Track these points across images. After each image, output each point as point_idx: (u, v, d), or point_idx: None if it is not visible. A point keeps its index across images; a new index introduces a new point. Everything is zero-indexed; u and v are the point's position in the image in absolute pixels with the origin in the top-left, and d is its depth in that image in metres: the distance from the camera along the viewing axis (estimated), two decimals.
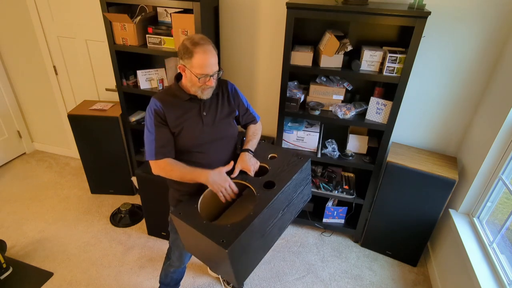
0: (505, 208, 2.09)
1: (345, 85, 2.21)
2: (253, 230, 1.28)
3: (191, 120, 1.44)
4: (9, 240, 2.48)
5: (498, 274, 1.70)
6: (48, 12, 2.72)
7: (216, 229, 1.26)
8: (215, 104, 1.51)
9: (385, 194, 2.25)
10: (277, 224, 1.45)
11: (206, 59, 1.31)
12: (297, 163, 1.52)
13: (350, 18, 1.87)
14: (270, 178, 1.44)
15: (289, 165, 1.51)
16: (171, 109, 1.41)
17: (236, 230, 1.23)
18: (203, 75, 1.33)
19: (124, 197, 2.97)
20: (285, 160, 1.54)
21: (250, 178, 1.47)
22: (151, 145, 1.40)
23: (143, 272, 2.27)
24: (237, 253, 1.24)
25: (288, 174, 1.45)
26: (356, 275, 2.33)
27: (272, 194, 1.36)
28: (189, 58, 1.31)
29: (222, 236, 1.22)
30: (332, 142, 2.38)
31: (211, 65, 1.33)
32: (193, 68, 1.32)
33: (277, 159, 1.57)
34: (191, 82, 1.38)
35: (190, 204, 1.42)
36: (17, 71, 3.17)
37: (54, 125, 3.39)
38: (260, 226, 1.33)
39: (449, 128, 2.29)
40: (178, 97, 1.43)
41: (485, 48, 1.99)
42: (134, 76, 2.54)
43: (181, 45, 1.33)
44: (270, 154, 1.60)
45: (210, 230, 1.26)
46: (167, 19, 2.37)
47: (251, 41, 2.42)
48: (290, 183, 1.43)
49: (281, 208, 1.44)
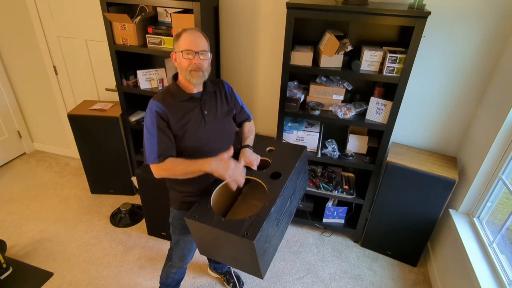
0: (505, 208, 2.09)
1: (345, 85, 2.21)
2: (271, 219, 1.32)
3: (194, 120, 1.44)
4: (9, 240, 2.48)
5: (498, 274, 1.70)
6: (48, 12, 2.72)
7: (236, 224, 1.28)
8: (214, 103, 1.51)
9: (385, 194, 2.25)
10: (287, 212, 1.52)
11: (192, 37, 1.34)
12: (296, 152, 1.61)
13: (350, 18, 1.87)
14: (275, 169, 1.50)
15: (289, 156, 1.59)
16: (173, 110, 1.40)
17: (257, 221, 1.27)
18: (188, 51, 1.33)
19: (124, 197, 2.97)
20: (284, 151, 1.62)
21: (254, 172, 1.50)
22: (153, 148, 1.37)
23: (143, 272, 2.27)
24: (262, 243, 1.27)
25: (290, 163, 1.53)
26: (356, 275, 2.33)
27: (281, 183, 1.42)
28: (177, 40, 1.36)
29: (245, 229, 1.24)
30: (332, 142, 2.38)
31: (197, 44, 1.34)
32: (180, 47, 1.34)
33: (275, 151, 1.63)
34: (180, 66, 1.38)
35: (203, 205, 1.42)
36: (17, 71, 3.17)
37: (54, 125, 3.39)
38: (276, 215, 1.37)
39: (449, 128, 2.29)
40: (178, 97, 1.42)
41: (485, 48, 1.99)
42: (134, 76, 2.54)
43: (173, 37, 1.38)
44: (267, 147, 1.65)
45: (230, 226, 1.28)
46: (167, 19, 2.37)
47: (251, 41, 2.42)
48: (294, 171, 1.50)
49: (289, 196, 1.50)
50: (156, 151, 1.37)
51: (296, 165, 1.52)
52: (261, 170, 1.51)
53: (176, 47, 1.37)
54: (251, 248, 1.22)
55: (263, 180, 1.46)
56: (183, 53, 1.33)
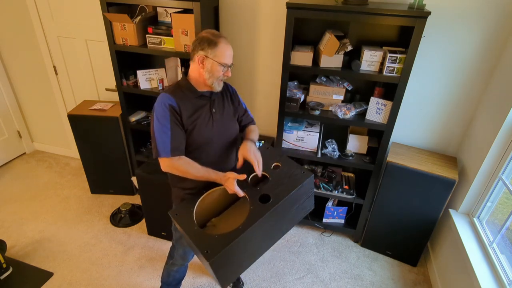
0: (505, 208, 2.09)
1: (345, 85, 2.21)
2: (239, 244, 1.29)
3: (203, 117, 1.46)
4: (9, 240, 2.48)
5: (498, 274, 1.70)
6: (48, 12, 2.72)
7: (205, 237, 1.29)
8: (221, 102, 1.55)
9: (385, 194, 2.25)
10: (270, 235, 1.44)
11: (229, 49, 1.39)
12: (299, 177, 1.45)
13: (350, 18, 1.87)
14: (268, 191, 1.40)
15: (290, 179, 1.44)
16: (185, 107, 1.42)
17: (222, 242, 1.25)
18: (226, 64, 1.39)
19: (124, 197, 2.97)
20: (288, 172, 1.48)
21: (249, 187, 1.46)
22: (166, 142, 1.38)
23: (143, 272, 2.27)
24: (221, 263, 1.26)
25: (286, 189, 1.40)
26: (356, 275, 2.33)
27: (265, 210, 1.33)
28: (213, 47, 1.36)
29: (208, 246, 1.24)
30: (332, 142, 2.38)
31: (231, 56, 1.41)
32: (217, 57, 1.37)
33: (280, 169, 1.51)
34: (211, 73, 1.40)
35: (188, 206, 1.43)
36: (17, 71, 3.17)
37: (54, 125, 3.39)
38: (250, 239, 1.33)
39: (449, 128, 2.29)
40: (189, 94, 1.45)
41: (485, 48, 1.99)
42: (134, 76, 2.54)
43: (201, 38, 1.37)
44: (274, 163, 1.54)
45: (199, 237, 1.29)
46: (167, 19, 2.37)
47: (251, 41, 2.42)
48: (286, 199, 1.38)
49: (274, 222, 1.41)
50: (170, 145, 1.38)
51: (291, 194, 1.39)
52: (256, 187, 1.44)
53: (211, 54, 1.37)
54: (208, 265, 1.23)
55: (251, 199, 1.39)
56: (220, 64, 1.38)
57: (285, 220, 1.49)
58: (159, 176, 2.19)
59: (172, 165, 1.42)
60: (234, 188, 1.39)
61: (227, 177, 1.41)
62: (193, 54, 1.41)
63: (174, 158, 1.40)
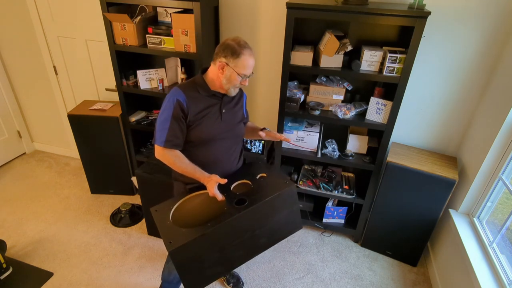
0: (505, 208, 2.09)
1: (345, 85, 2.21)
2: (205, 240, 1.27)
3: (211, 115, 1.52)
4: (9, 240, 2.48)
5: (498, 274, 1.70)
6: (48, 12, 2.72)
7: (173, 230, 1.29)
8: (232, 105, 1.61)
9: (385, 194, 2.25)
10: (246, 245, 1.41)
11: (250, 61, 1.43)
12: (280, 186, 1.44)
13: (350, 18, 1.87)
14: (246, 196, 1.42)
15: (271, 187, 1.45)
16: (195, 103, 1.48)
17: (186, 235, 1.24)
18: (244, 75, 1.44)
19: (124, 197, 2.97)
20: (271, 182, 1.49)
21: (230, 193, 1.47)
22: (163, 132, 1.46)
23: (143, 272, 2.27)
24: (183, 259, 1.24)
25: (264, 195, 1.40)
26: (356, 275, 2.33)
27: (237, 211, 1.34)
28: (236, 58, 1.40)
29: (172, 237, 1.24)
30: (332, 142, 2.38)
31: (252, 67, 1.47)
32: (237, 67, 1.41)
33: (264, 178, 1.54)
34: (228, 80, 1.45)
35: (169, 205, 1.46)
36: (17, 71, 3.17)
37: (54, 125, 3.39)
38: (217, 240, 1.32)
39: (449, 128, 2.29)
40: (202, 91, 1.50)
41: (485, 48, 1.99)
42: (134, 76, 2.54)
43: (226, 45, 1.41)
44: (260, 174, 1.57)
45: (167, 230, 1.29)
46: (167, 19, 2.37)
47: (251, 41, 2.42)
48: (261, 204, 1.37)
49: (249, 229, 1.39)
50: (165, 136, 1.46)
51: (268, 199, 1.37)
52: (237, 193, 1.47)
53: (232, 63, 1.41)
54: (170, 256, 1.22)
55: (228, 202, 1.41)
56: (238, 74, 1.43)
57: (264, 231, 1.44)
58: (159, 176, 2.19)
59: (163, 154, 1.49)
60: (214, 190, 1.42)
61: (210, 178, 1.45)
62: (215, 58, 1.46)
63: (166, 149, 1.48)
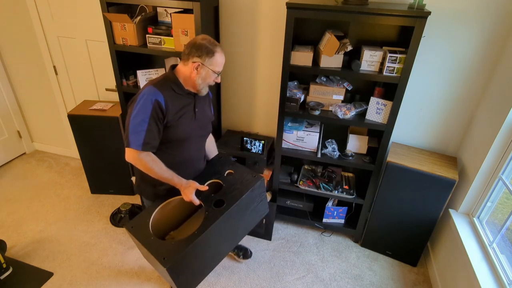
0: (505, 208, 2.09)
1: (345, 85, 2.21)
2: (196, 248, 1.32)
3: (187, 114, 1.52)
4: (9, 240, 2.48)
5: (498, 274, 1.70)
6: (48, 12, 2.72)
7: (161, 245, 1.32)
8: (203, 103, 1.63)
9: (385, 194, 2.25)
10: (228, 239, 1.51)
11: (223, 58, 1.48)
12: (251, 181, 1.54)
13: (350, 18, 1.87)
14: (222, 196, 1.47)
15: (243, 184, 1.53)
16: (172, 103, 1.45)
17: (178, 248, 1.29)
18: (219, 72, 1.48)
19: (124, 197, 2.97)
20: (240, 178, 1.56)
21: (204, 194, 1.51)
22: (140, 135, 1.38)
23: (143, 272, 2.27)
24: (179, 269, 1.29)
25: (239, 192, 1.48)
26: (356, 275, 2.33)
27: (219, 213, 1.39)
28: (210, 56, 1.42)
29: (165, 253, 1.28)
30: (332, 142, 2.38)
31: (223, 64, 1.51)
32: (212, 65, 1.44)
33: (232, 176, 1.60)
34: (203, 79, 1.46)
35: (143, 218, 1.45)
36: (17, 71, 3.17)
37: (54, 125, 3.39)
38: (207, 243, 1.36)
39: (449, 128, 2.29)
40: (177, 90, 1.48)
41: (485, 48, 1.99)
42: (134, 76, 2.54)
43: (198, 45, 1.41)
44: (227, 170, 1.63)
45: (155, 246, 1.32)
46: (167, 19, 2.37)
47: (251, 41, 2.42)
48: (239, 202, 1.45)
49: (231, 226, 1.47)
50: (143, 138, 1.39)
51: (243, 196, 1.47)
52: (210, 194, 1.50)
53: (208, 63, 1.43)
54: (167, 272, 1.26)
55: (207, 205, 1.45)
56: (214, 72, 1.46)
57: (241, 224, 1.55)
58: None
59: (139, 159, 1.42)
60: (191, 196, 1.45)
61: (189, 185, 1.47)
62: (187, 57, 1.44)
63: (143, 152, 1.41)
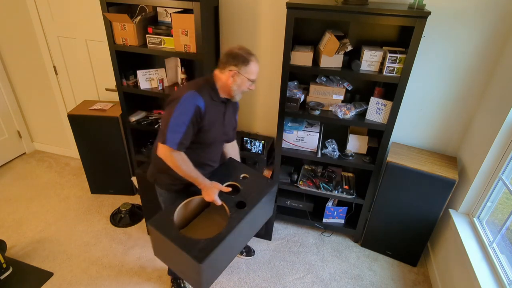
0: (505, 208, 2.09)
1: (345, 85, 2.21)
2: (224, 246, 1.42)
3: (218, 121, 1.63)
4: (9, 240, 2.48)
5: (498, 274, 1.70)
6: (48, 12, 2.72)
7: (191, 242, 1.38)
8: (231, 111, 1.72)
9: (385, 194, 2.25)
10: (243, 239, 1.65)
11: (257, 68, 1.56)
12: (266, 186, 1.68)
13: (350, 18, 1.87)
14: (242, 198, 1.61)
15: (259, 187, 1.67)
16: (210, 110, 1.55)
17: (209, 245, 1.37)
18: (253, 81, 1.57)
19: (124, 197, 2.97)
20: (255, 182, 1.70)
21: (224, 196, 1.60)
22: (178, 134, 1.47)
23: (143, 272, 2.27)
24: (208, 266, 1.36)
25: (257, 196, 1.62)
26: (356, 275, 2.33)
27: (243, 214, 1.52)
28: (246, 65, 1.51)
29: (197, 251, 1.34)
30: (332, 142, 2.38)
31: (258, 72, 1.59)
32: (248, 73, 1.53)
33: (248, 179, 1.72)
34: (238, 86, 1.55)
35: (166, 214, 1.52)
36: (17, 71, 3.17)
37: (54, 125, 3.39)
38: (229, 242, 1.45)
39: (449, 128, 2.29)
40: (215, 97, 1.58)
41: (485, 48, 1.99)
42: (134, 76, 2.54)
43: (235, 54, 1.51)
44: (242, 174, 1.74)
45: (185, 243, 1.38)
46: (167, 19, 2.37)
47: (251, 41, 2.42)
48: (258, 204, 1.60)
49: (248, 226, 1.61)
50: (180, 139, 1.48)
51: (263, 199, 1.62)
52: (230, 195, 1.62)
53: (243, 71, 1.52)
54: (198, 269, 1.33)
55: (229, 206, 1.56)
56: (248, 79, 1.54)
57: (253, 225, 1.69)
58: None
59: (170, 156, 1.50)
60: (214, 196, 1.55)
61: (213, 186, 1.57)
62: (224, 66, 1.53)
63: (176, 151, 1.50)
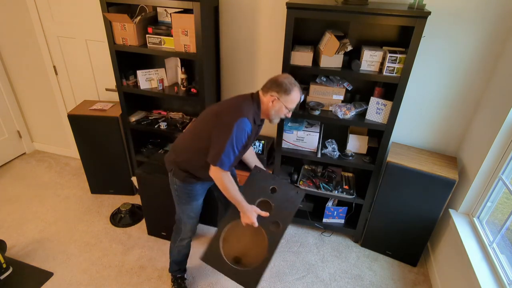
0: (505, 208, 2.09)
1: (345, 85, 2.21)
2: None
3: (251, 140, 1.70)
4: (9, 240, 2.48)
5: (498, 274, 1.70)
6: (48, 12, 2.72)
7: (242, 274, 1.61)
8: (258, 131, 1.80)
9: (385, 194, 2.25)
10: None
11: (298, 98, 1.62)
12: (296, 199, 1.75)
13: (350, 18, 1.87)
14: (276, 218, 1.71)
15: (289, 201, 1.74)
16: (252, 132, 1.64)
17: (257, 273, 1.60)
18: (291, 109, 1.64)
19: (124, 197, 2.97)
20: (285, 195, 1.76)
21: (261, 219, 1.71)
22: (231, 158, 1.57)
23: (143, 272, 2.27)
24: None
25: (289, 213, 1.72)
26: (356, 275, 2.33)
27: (278, 236, 1.67)
28: (287, 94, 1.58)
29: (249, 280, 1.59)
30: (332, 142, 2.38)
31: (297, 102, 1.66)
32: (287, 102, 1.60)
33: (277, 192, 1.78)
34: (276, 112, 1.63)
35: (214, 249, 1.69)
36: (17, 71, 3.17)
37: (54, 125, 3.39)
38: None
39: (449, 128, 2.29)
40: (256, 122, 1.67)
41: (485, 47, 1.99)
42: (134, 76, 2.54)
43: (279, 83, 1.57)
44: (271, 186, 1.79)
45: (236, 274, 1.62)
46: (167, 19, 2.37)
47: (251, 41, 2.42)
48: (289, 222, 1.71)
49: None
50: (231, 162, 1.58)
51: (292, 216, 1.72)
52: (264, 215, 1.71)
53: (283, 99, 1.58)
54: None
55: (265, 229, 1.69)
56: (286, 107, 1.61)
57: None
58: (159, 176, 2.19)
59: (222, 177, 1.60)
60: (254, 219, 1.67)
61: (254, 210, 1.68)
62: (266, 90, 1.61)
63: (227, 172, 1.60)
